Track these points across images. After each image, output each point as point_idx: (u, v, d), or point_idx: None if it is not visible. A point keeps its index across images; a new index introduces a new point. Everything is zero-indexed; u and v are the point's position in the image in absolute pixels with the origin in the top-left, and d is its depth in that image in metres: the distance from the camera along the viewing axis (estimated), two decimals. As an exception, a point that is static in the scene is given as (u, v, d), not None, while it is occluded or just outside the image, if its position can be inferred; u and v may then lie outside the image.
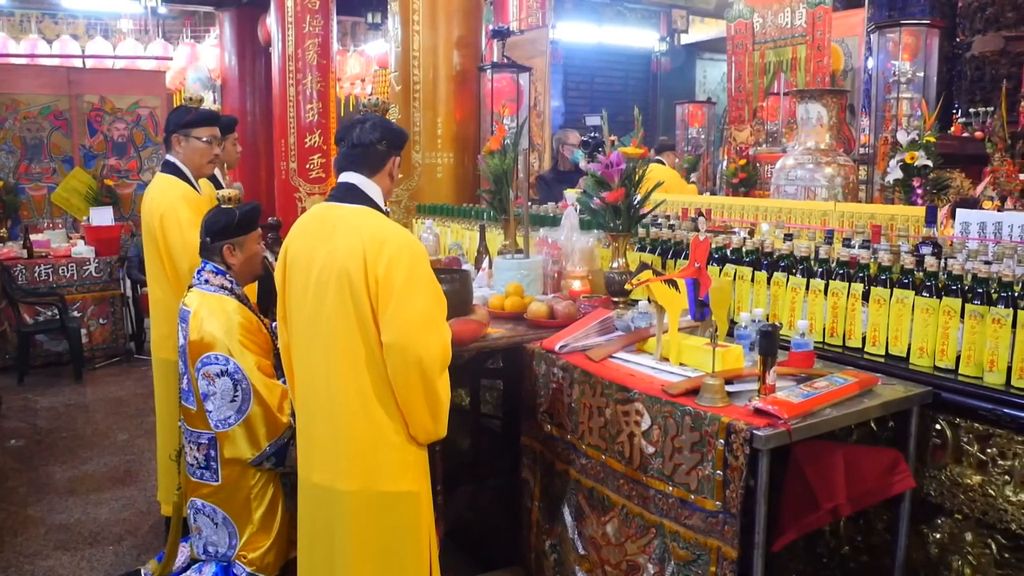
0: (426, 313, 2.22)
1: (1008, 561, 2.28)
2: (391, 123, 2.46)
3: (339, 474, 2.30)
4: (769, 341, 2.23)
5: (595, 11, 13.49)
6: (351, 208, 2.31)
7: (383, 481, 2.29)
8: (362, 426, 2.26)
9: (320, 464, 2.35)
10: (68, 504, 4.27)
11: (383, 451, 2.28)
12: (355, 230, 2.24)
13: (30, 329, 6.65)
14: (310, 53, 7.52)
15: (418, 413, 2.26)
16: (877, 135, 5.11)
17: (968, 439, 2.34)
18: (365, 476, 2.28)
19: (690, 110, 8.54)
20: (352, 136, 2.36)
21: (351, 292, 2.20)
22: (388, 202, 5.98)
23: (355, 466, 2.28)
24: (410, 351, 2.18)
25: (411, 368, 2.19)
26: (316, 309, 2.28)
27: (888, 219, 3.41)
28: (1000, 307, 2.27)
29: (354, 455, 2.28)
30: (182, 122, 3.51)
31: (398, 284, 2.18)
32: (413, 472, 2.33)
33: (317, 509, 2.38)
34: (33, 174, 8.08)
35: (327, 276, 2.24)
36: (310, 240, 2.33)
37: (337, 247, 2.23)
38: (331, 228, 2.29)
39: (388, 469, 2.29)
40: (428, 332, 2.21)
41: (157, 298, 3.53)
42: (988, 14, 7.65)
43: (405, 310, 2.18)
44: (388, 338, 2.19)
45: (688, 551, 2.25)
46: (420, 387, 2.22)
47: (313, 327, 2.31)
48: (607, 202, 3.15)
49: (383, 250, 2.19)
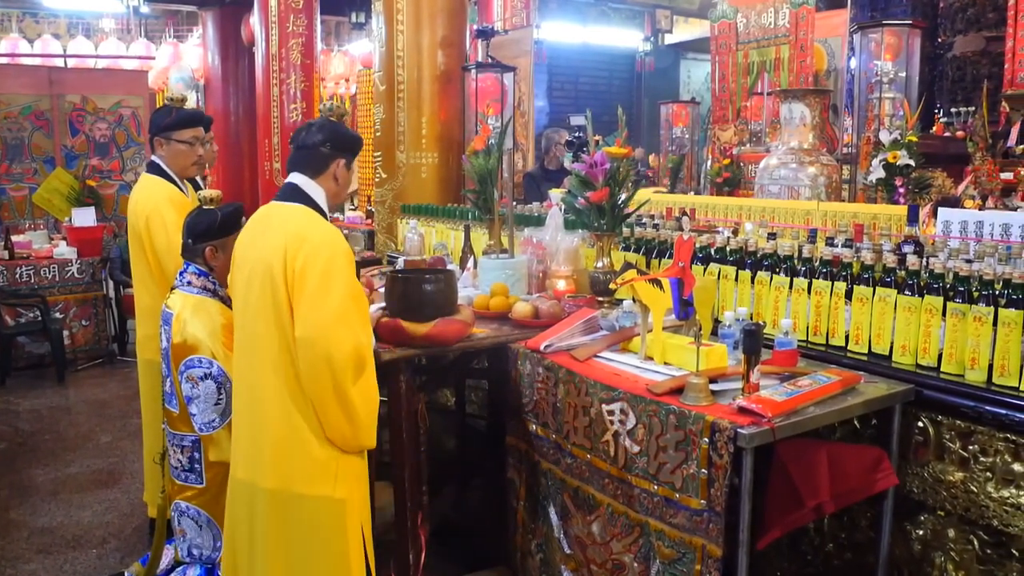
0: (340, 311, 2.22)
1: (990, 557, 2.30)
2: (340, 127, 2.50)
3: (262, 471, 2.32)
4: (753, 340, 2.24)
5: (579, 11, 13.52)
6: (288, 207, 2.37)
7: (300, 483, 2.29)
8: (280, 424, 2.28)
9: (244, 460, 2.38)
10: (51, 507, 4.23)
11: (303, 451, 2.28)
12: (282, 226, 2.30)
13: (11, 331, 6.59)
14: (294, 53, 7.50)
15: (332, 416, 2.25)
16: (860, 135, 5.14)
17: (950, 436, 2.36)
18: (283, 476, 2.29)
19: (674, 110, 8.55)
20: (300, 138, 2.44)
21: (272, 287, 2.25)
22: (373, 202, 5.97)
23: (274, 464, 2.30)
24: (319, 346, 2.18)
25: (320, 364, 2.19)
26: (245, 304, 2.35)
27: (871, 218, 3.43)
28: (981, 305, 2.29)
29: (273, 453, 2.30)
30: (163, 125, 3.48)
31: (312, 279, 2.21)
32: (339, 478, 2.32)
33: (240, 504, 2.41)
34: (14, 175, 7.99)
35: (256, 271, 2.30)
36: (248, 238, 2.42)
37: (266, 244, 2.30)
38: (265, 226, 2.37)
39: (306, 471, 2.29)
40: (340, 330, 2.21)
41: (143, 300, 3.51)
42: (969, 15, 7.72)
43: (318, 305, 2.20)
44: (299, 332, 2.21)
45: (673, 549, 2.26)
46: (330, 386, 2.21)
47: (243, 322, 2.37)
48: (591, 202, 3.16)
49: (303, 246, 2.23)
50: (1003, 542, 2.26)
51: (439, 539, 3.39)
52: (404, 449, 2.80)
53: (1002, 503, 2.24)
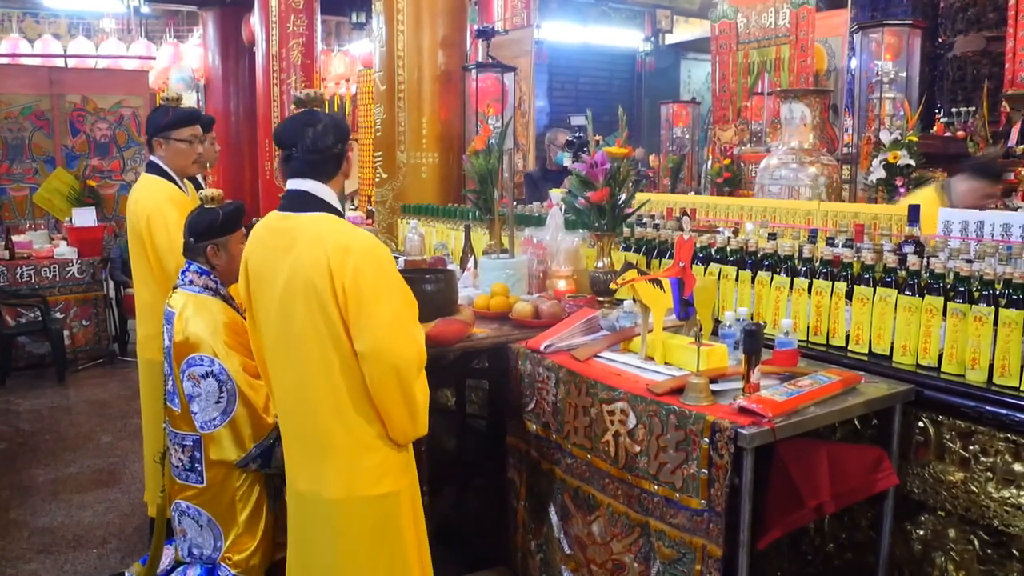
0: (396, 317, 2.18)
1: (991, 557, 2.30)
2: (338, 119, 2.38)
3: (326, 482, 2.28)
4: (753, 340, 2.24)
5: (580, 11, 13.51)
6: (309, 217, 2.23)
7: (365, 486, 2.27)
8: (341, 435, 2.24)
9: (304, 473, 2.33)
10: (51, 507, 4.23)
11: (364, 457, 2.26)
12: (317, 240, 2.17)
13: (12, 331, 6.59)
14: (294, 53, 7.51)
15: (397, 416, 2.24)
16: (860, 135, 5.15)
17: (951, 436, 2.36)
18: (349, 484, 2.26)
19: (675, 110, 8.56)
20: (306, 141, 2.25)
21: (319, 304, 2.15)
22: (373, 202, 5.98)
23: (341, 474, 2.26)
24: (384, 358, 2.15)
25: (387, 374, 2.16)
26: (285, 324, 2.23)
27: (871, 218, 3.43)
28: (982, 305, 2.29)
29: (336, 464, 2.26)
30: (161, 125, 3.47)
31: (366, 292, 2.14)
32: (394, 472, 2.31)
33: (304, 516, 2.37)
34: (15, 175, 8.00)
35: (293, 290, 2.19)
36: (271, 253, 2.26)
37: (300, 259, 2.17)
38: (291, 240, 2.21)
39: (370, 474, 2.27)
40: (400, 336, 2.18)
41: (143, 299, 3.50)
42: (970, 14, 7.72)
43: (376, 317, 2.14)
44: (361, 347, 2.16)
45: (673, 550, 2.26)
46: (398, 392, 2.19)
47: (284, 341, 2.27)
48: (592, 202, 3.16)
49: (347, 259, 2.13)
50: (1003, 542, 2.26)
51: (439, 539, 3.38)
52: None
53: (1003, 503, 2.24)
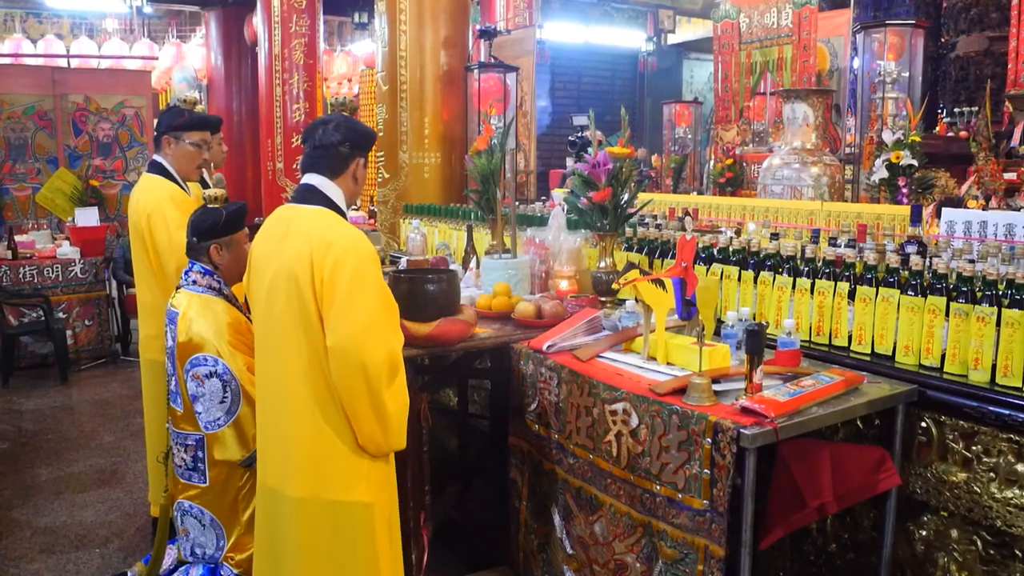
0: (371, 318, 2.17)
1: (993, 558, 2.30)
2: (357, 124, 2.42)
3: (289, 479, 2.27)
4: (756, 340, 2.24)
5: (582, 11, 13.50)
6: (307, 209, 2.29)
7: (332, 489, 2.25)
8: (309, 432, 2.23)
9: (272, 468, 2.33)
10: (54, 507, 4.23)
11: (332, 459, 2.24)
12: (305, 232, 2.21)
13: (15, 331, 6.59)
14: (297, 53, 7.51)
15: (365, 422, 2.21)
16: (863, 135, 5.14)
17: (953, 437, 2.36)
18: (313, 483, 2.25)
19: (677, 110, 8.55)
20: (316, 137, 2.33)
21: (298, 294, 2.18)
22: (376, 202, 5.98)
23: (304, 472, 2.26)
24: (352, 355, 2.13)
25: (354, 373, 2.14)
26: (268, 312, 2.27)
27: (874, 218, 3.43)
28: (984, 305, 2.29)
29: (303, 461, 2.26)
30: (174, 124, 3.49)
31: (342, 287, 2.14)
32: (367, 483, 2.28)
33: (269, 512, 2.37)
34: (17, 175, 8.01)
35: (279, 279, 2.22)
36: (269, 241, 2.32)
37: (288, 249, 2.22)
38: (286, 230, 2.27)
39: (337, 477, 2.25)
40: (373, 337, 2.16)
41: (145, 299, 3.51)
42: (972, 15, 7.71)
43: (349, 313, 2.14)
44: (331, 341, 2.15)
45: (676, 550, 2.26)
46: (365, 394, 2.16)
47: (266, 330, 2.30)
48: (594, 202, 3.15)
49: (329, 252, 2.15)
50: (1006, 543, 2.26)
51: (441, 539, 3.39)
52: (406, 449, 2.79)
53: (1005, 504, 2.23)
